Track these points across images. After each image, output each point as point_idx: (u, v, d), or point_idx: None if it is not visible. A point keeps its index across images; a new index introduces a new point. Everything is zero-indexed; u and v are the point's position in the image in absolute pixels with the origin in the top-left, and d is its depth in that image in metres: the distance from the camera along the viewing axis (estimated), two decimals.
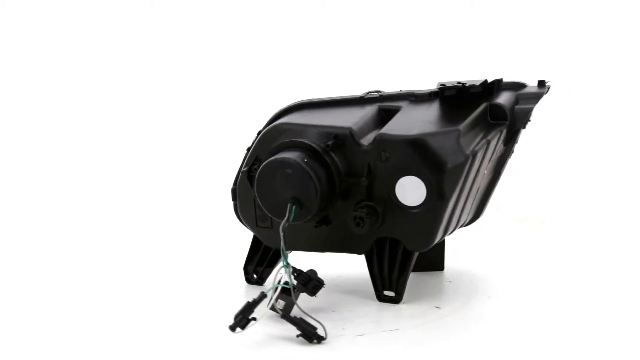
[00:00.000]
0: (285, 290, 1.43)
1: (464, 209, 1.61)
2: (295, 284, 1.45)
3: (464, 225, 1.72)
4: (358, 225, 1.51)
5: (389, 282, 1.57)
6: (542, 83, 1.65)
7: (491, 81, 1.63)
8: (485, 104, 1.60)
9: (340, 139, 1.53)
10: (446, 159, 1.47)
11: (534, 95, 1.63)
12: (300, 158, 1.49)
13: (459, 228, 1.68)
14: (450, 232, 1.60)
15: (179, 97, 2.93)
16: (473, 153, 1.49)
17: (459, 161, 1.48)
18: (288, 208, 1.48)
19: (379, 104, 1.63)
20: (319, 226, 1.57)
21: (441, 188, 1.48)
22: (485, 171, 1.62)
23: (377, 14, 2.73)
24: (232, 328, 1.37)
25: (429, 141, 1.48)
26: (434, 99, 1.62)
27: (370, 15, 2.74)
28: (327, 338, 1.38)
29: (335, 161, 1.52)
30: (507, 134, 1.62)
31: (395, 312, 1.53)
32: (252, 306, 1.38)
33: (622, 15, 2.59)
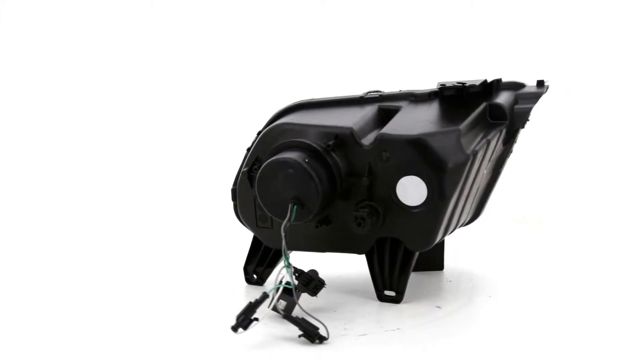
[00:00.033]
0: (286, 290, 1.43)
1: (464, 209, 1.61)
2: (297, 284, 1.44)
3: (464, 225, 1.72)
4: (359, 225, 1.51)
5: (390, 281, 1.57)
6: (540, 83, 1.65)
7: (490, 81, 1.63)
8: (484, 103, 1.60)
9: (341, 139, 1.52)
10: (447, 159, 1.47)
11: (533, 95, 1.63)
12: (301, 158, 1.49)
13: (459, 228, 1.68)
14: (450, 231, 1.60)
15: (179, 97, 2.93)
16: (474, 153, 1.49)
17: (459, 161, 1.48)
18: (289, 208, 1.48)
19: (379, 104, 1.63)
20: (320, 226, 1.56)
21: (442, 188, 1.48)
22: (485, 171, 1.62)
23: (377, 14, 2.73)
24: (234, 328, 1.37)
25: (430, 141, 1.48)
26: (433, 99, 1.63)
27: (370, 15, 2.74)
28: (329, 338, 1.38)
29: (336, 161, 1.52)
30: (507, 133, 1.63)
31: (396, 312, 1.53)
32: (254, 307, 1.38)
33: (622, 15, 2.60)
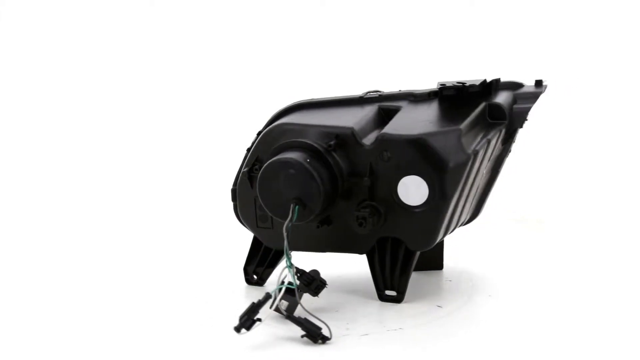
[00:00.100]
0: (288, 290, 1.43)
1: (464, 208, 1.61)
2: (299, 285, 1.44)
3: (463, 224, 1.72)
4: (361, 225, 1.51)
5: (391, 281, 1.57)
6: (539, 83, 1.66)
7: (490, 81, 1.63)
8: (484, 103, 1.60)
9: (342, 138, 1.52)
10: (448, 158, 1.47)
11: (531, 95, 1.63)
12: (303, 158, 1.49)
13: (458, 227, 1.68)
14: (450, 231, 1.61)
15: (179, 98, 2.92)
16: (474, 152, 1.50)
17: (460, 160, 1.48)
18: (291, 208, 1.48)
19: (379, 104, 1.64)
20: (321, 226, 1.56)
21: (443, 187, 1.48)
22: (484, 170, 1.62)
23: (377, 14, 2.73)
24: (237, 329, 1.36)
25: (431, 141, 1.48)
26: (433, 99, 1.63)
27: (370, 15, 2.74)
28: (332, 338, 1.38)
29: (337, 161, 1.52)
30: (505, 133, 1.63)
31: (398, 312, 1.53)
32: (257, 307, 1.38)
33: (621, 15, 2.61)
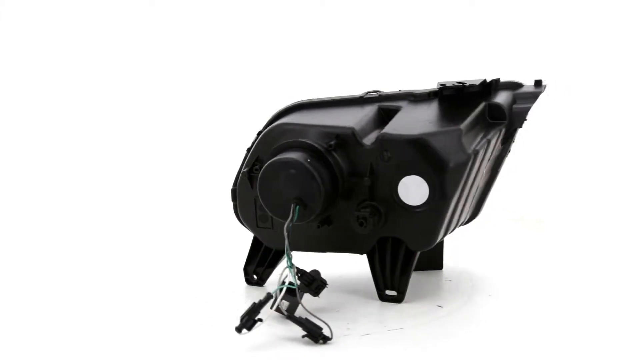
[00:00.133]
0: (289, 290, 1.43)
1: (464, 208, 1.61)
2: (299, 285, 1.44)
3: (463, 224, 1.72)
4: (361, 225, 1.51)
5: (391, 281, 1.57)
6: (538, 82, 1.66)
7: (489, 81, 1.63)
8: (484, 103, 1.60)
9: (342, 138, 1.52)
10: (448, 158, 1.48)
11: (531, 95, 1.64)
12: (303, 158, 1.49)
13: (458, 227, 1.68)
14: (451, 231, 1.61)
15: (179, 98, 2.92)
16: (475, 152, 1.50)
17: (461, 160, 1.48)
18: (292, 208, 1.48)
19: (379, 104, 1.64)
20: (321, 226, 1.56)
21: (443, 187, 1.48)
22: (484, 170, 1.62)
23: (377, 14, 2.73)
24: (239, 329, 1.36)
25: (432, 141, 1.48)
26: (432, 99, 1.63)
27: (370, 15, 2.74)
28: (333, 338, 1.38)
29: (338, 161, 1.52)
30: (505, 133, 1.63)
31: (398, 312, 1.53)
32: (258, 307, 1.38)
33: (620, 15, 2.61)
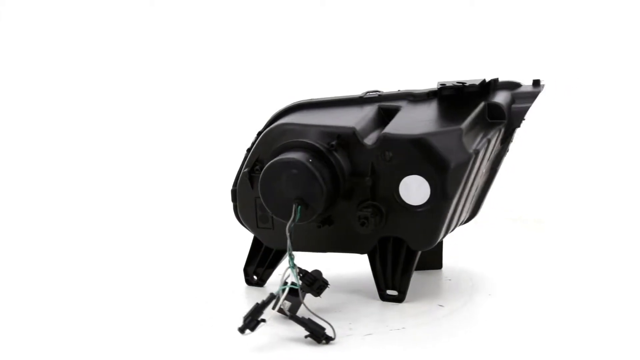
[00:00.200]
0: (291, 291, 1.42)
1: (464, 208, 1.62)
2: (301, 285, 1.44)
3: (462, 223, 1.73)
4: (363, 225, 1.51)
5: (392, 281, 1.57)
6: (536, 82, 1.67)
7: (488, 81, 1.64)
8: (483, 103, 1.61)
9: (343, 138, 1.52)
10: (449, 158, 1.48)
11: (529, 95, 1.64)
12: (305, 158, 1.49)
13: (457, 226, 1.69)
14: (451, 230, 1.61)
15: (179, 98, 2.91)
16: (475, 152, 1.50)
17: (462, 160, 1.49)
18: (294, 209, 1.47)
19: (379, 104, 1.64)
20: (322, 226, 1.56)
21: (445, 187, 1.49)
22: (484, 170, 1.63)
23: (377, 14, 2.73)
24: (242, 330, 1.36)
25: (433, 140, 1.48)
26: (432, 99, 1.63)
27: (370, 15, 2.74)
28: (336, 338, 1.38)
29: (339, 161, 1.52)
30: (504, 132, 1.64)
31: (399, 311, 1.53)
32: (261, 308, 1.37)
33: (620, 15, 2.62)
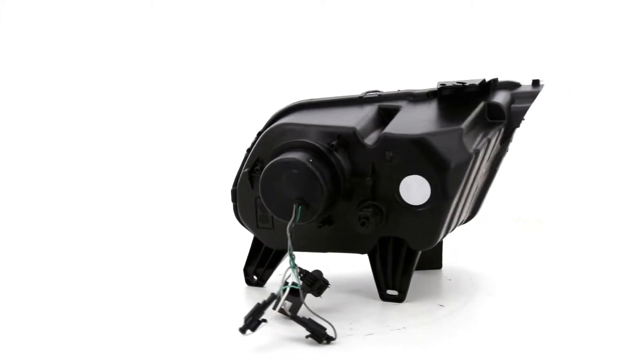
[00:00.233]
0: (292, 291, 1.42)
1: (464, 207, 1.62)
2: (301, 285, 1.44)
3: (462, 223, 1.73)
4: (363, 225, 1.51)
5: (393, 281, 1.57)
6: (536, 82, 1.67)
7: (488, 81, 1.64)
8: (483, 103, 1.61)
9: (344, 138, 1.53)
10: (450, 158, 1.48)
11: (529, 95, 1.64)
12: (305, 158, 1.49)
13: (457, 226, 1.69)
14: (451, 230, 1.61)
15: (179, 98, 2.91)
16: (476, 152, 1.50)
17: (462, 160, 1.49)
18: (294, 209, 1.47)
19: (379, 104, 1.64)
20: (322, 226, 1.56)
21: (445, 187, 1.49)
22: (483, 170, 1.63)
23: (377, 14, 2.73)
24: (243, 330, 1.36)
25: (433, 140, 1.48)
26: (432, 99, 1.63)
27: (370, 15, 2.74)
28: (337, 338, 1.38)
29: (340, 161, 1.52)
30: (504, 132, 1.64)
31: (400, 311, 1.53)
32: (262, 308, 1.37)
33: (620, 15, 2.62)
